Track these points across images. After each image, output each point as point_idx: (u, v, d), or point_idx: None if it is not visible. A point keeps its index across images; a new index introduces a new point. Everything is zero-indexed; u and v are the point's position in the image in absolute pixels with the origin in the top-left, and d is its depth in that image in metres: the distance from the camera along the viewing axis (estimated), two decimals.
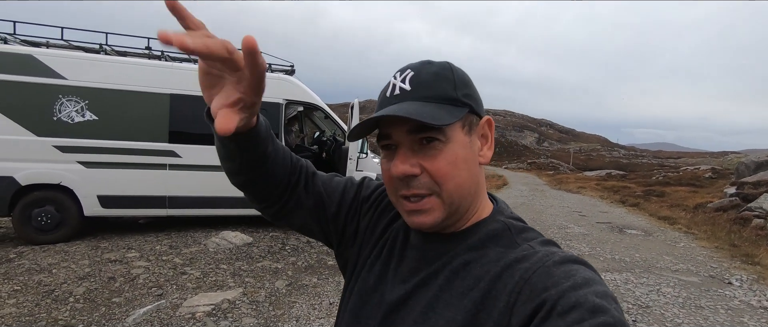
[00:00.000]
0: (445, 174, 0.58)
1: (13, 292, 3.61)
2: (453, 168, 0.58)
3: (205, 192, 5.70)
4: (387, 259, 0.69)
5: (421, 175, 0.58)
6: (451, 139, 0.58)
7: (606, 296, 0.48)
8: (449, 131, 0.58)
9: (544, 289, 0.50)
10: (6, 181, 4.88)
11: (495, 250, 0.59)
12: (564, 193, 17.54)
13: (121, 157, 5.32)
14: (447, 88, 0.59)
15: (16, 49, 5.06)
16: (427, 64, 0.62)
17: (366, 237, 0.74)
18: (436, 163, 0.58)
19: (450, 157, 0.58)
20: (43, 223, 5.04)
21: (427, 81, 0.60)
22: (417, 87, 0.59)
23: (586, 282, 0.50)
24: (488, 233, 0.61)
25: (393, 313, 0.62)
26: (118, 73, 5.32)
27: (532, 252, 0.56)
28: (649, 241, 7.22)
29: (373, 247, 0.73)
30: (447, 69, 0.61)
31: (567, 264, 0.53)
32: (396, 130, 0.59)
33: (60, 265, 4.30)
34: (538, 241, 0.59)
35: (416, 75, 0.60)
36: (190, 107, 5.58)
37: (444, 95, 0.59)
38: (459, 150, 0.59)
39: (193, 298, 3.67)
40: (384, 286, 0.66)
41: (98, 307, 3.45)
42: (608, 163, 63.20)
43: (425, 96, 0.59)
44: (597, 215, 10.21)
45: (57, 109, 5.04)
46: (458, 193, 0.59)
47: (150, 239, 5.36)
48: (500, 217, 0.63)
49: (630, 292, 4.41)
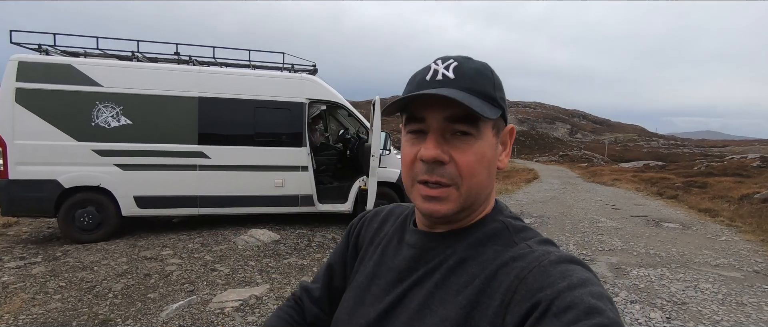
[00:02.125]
0: (471, 169, 0.58)
1: (58, 288, 3.86)
2: (478, 165, 0.58)
3: (234, 191, 5.88)
4: (380, 259, 0.70)
5: (448, 164, 0.58)
6: (482, 136, 0.59)
7: (602, 297, 0.48)
8: (482, 128, 0.58)
9: (539, 288, 0.50)
10: (51, 184, 5.20)
11: (492, 249, 0.59)
12: (597, 185, 16.99)
13: (154, 160, 5.56)
14: (487, 86, 0.60)
15: (56, 59, 5.37)
16: (469, 59, 0.62)
17: (363, 250, 0.77)
18: (465, 156, 0.58)
19: (479, 153, 0.58)
20: (86, 223, 5.34)
21: (471, 74, 0.60)
22: (461, 77, 0.59)
23: (582, 282, 0.50)
24: (486, 232, 0.61)
25: (389, 311, 0.63)
26: (149, 78, 5.56)
27: (529, 251, 0.56)
28: (688, 234, 6.89)
29: (366, 252, 0.75)
30: (488, 69, 0.62)
31: (563, 264, 0.53)
32: (433, 114, 0.58)
33: (101, 262, 4.55)
34: (535, 241, 0.59)
35: (460, 66, 0.60)
36: (217, 109, 5.76)
37: (485, 92, 0.59)
38: (487, 149, 0.59)
39: (222, 293, 3.80)
40: (378, 285, 0.67)
41: (135, 302, 3.63)
42: (646, 154, 60.60)
43: (470, 88, 0.58)
44: (632, 208, 9.84)
45: (95, 114, 5.32)
46: (476, 191, 0.60)
47: (183, 237, 5.58)
48: (499, 216, 0.63)
49: (665, 288, 4.24)
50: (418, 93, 0.57)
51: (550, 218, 8.22)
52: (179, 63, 6.05)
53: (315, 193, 6.19)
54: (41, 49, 5.47)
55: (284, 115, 6.05)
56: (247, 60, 6.34)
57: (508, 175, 21.12)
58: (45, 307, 3.48)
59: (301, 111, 6.07)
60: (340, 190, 6.48)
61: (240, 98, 5.86)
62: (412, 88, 0.61)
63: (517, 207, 9.72)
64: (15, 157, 5.06)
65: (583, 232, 6.86)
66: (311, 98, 6.20)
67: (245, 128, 5.93)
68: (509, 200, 11.09)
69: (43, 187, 5.17)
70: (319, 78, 6.47)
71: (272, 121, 6.03)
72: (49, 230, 6.15)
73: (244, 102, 5.87)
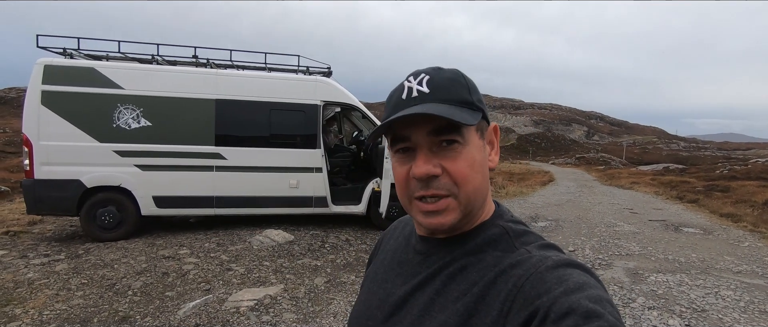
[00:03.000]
0: (465, 176, 0.58)
1: (81, 285, 3.97)
2: (471, 170, 0.59)
3: (249, 192, 5.96)
4: (389, 264, 0.72)
5: (441, 175, 0.58)
6: (469, 141, 0.59)
7: (600, 300, 0.48)
8: (467, 134, 0.59)
9: (536, 296, 0.50)
10: (74, 183, 5.36)
11: (492, 255, 0.59)
12: (615, 189, 16.68)
13: (172, 160, 5.68)
14: (463, 92, 0.61)
15: (80, 63, 5.54)
16: (439, 70, 0.63)
17: (378, 255, 0.80)
18: (456, 164, 0.58)
19: (469, 159, 0.59)
20: (106, 222, 5.49)
21: (445, 85, 0.60)
22: (435, 90, 0.60)
23: (579, 286, 0.49)
24: (486, 238, 0.61)
25: (393, 315, 0.64)
26: (168, 81, 5.69)
27: (527, 257, 0.56)
28: (709, 240, 6.72)
29: (377, 257, 0.78)
30: (460, 75, 0.62)
31: (560, 268, 0.53)
32: (416, 131, 0.59)
33: (121, 260, 4.67)
34: (535, 245, 0.59)
35: (432, 79, 0.61)
36: (233, 111, 5.86)
37: (461, 99, 0.60)
38: (476, 153, 0.60)
39: (237, 293, 3.86)
40: (386, 290, 0.69)
41: (153, 300, 3.72)
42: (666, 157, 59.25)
43: (445, 98, 0.59)
44: (650, 212, 9.64)
45: (116, 116, 5.47)
46: (474, 195, 0.60)
47: (200, 237, 5.68)
48: (499, 221, 0.63)
49: (684, 295, 4.14)
50: (397, 116, 0.57)
51: (566, 222, 8.11)
52: (197, 66, 6.18)
53: (329, 195, 6.24)
54: (66, 52, 5.65)
55: (299, 117, 6.11)
56: (263, 63, 6.43)
57: (523, 178, 20.90)
58: (68, 303, 3.59)
59: (315, 113, 6.13)
60: (353, 192, 6.51)
61: (256, 100, 5.95)
62: (390, 110, 0.63)
63: (532, 210, 9.61)
64: (40, 158, 5.23)
65: (599, 236, 6.75)
66: (325, 100, 6.25)
67: (261, 130, 6.01)
68: (523, 203, 10.98)
69: (67, 186, 5.33)
70: (333, 80, 6.52)
71: (287, 123, 6.11)
72: (71, 228, 6.32)
73: (259, 104, 5.96)
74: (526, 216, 8.72)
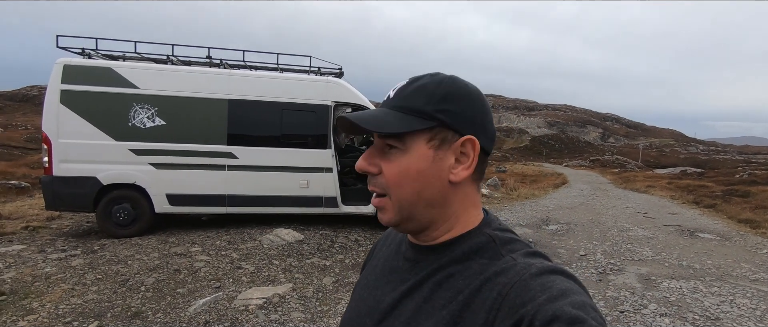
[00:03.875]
0: (394, 181, 0.61)
1: (95, 281, 4.07)
2: (403, 177, 0.60)
3: (260, 191, 6.03)
4: (381, 271, 0.73)
5: (378, 175, 0.62)
6: (410, 149, 0.60)
7: (584, 306, 0.48)
8: (409, 142, 0.60)
9: (521, 304, 0.51)
10: (91, 181, 5.49)
11: (479, 263, 0.59)
12: (629, 192, 16.41)
13: (186, 159, 5.78)
14: (419, 101, 0.61)
15: (97, 62, 5.67)
16: (428, 76, 0.63)
17: (371, 260, 0.81)
18: (389, 168, 0.61)
19: (403, 166, 0.60)
20: (121, 219, 5.61)
21: (408, 92, 0.62)
22: (397, 96, 0.63)
23: (563, 293, 0.50)
24: (472, 246, 0.61)
25: (381, 321, 0.65)
26: (182, 81, 5.79)
27: (512, 264, 0.56)
28: (725, 246, 6.57)
29: (370, 262, 0.79)
30: (437, 82, 0.62)
31: (544, 276, 0.53)
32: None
33: (134, 257, 4.77)
34: (521, 253, 0.59)
35: (405, 86, 0.63)
36: (246, 111, 5.94)
37: (413, 107, 0.61)
38: (415, 162, 0.60)
39: (247, 291, 3.91)
40: (375, 297, 0.69)
41: (165, 296, 3.79)
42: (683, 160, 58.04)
43: (397, 106, 0.62)
44: (665, 217, 9.46)
45: (132, 115, 5.59)
46: (408, 201, 0.61)
47: (211, 235, 5.77)
48: (486, 229, 0.63)
49: (697, 302, 4.07)
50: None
51: (578, 225, 8.01)
52: (211, 66, 6.27)
53: (339, 195, 6.28)
54: (84, 52, 5.78)
55: (310, 118, 6.16)
56: (275, 63, 6.49)
57: (535, 180, 20.69)
58: (83, 297, 3.68)
59: (326, 113, 6.17)
60: (363, 192, 6.54)
61: (268, 100, 6.01)
62: None
63: (544, 213, 9.52)
64: (59, 155, 5.37)
65: (612, 241, 6.65)
66: (337, 101, 6.29)
67: (272, 130, 6.07)
68: (535, 205, 10.88)
69: (84, 183, 5.46)
70: (344, 81, 6.55)
71: (298, 123, 6.16)
72: (88, 224, 6.48)
73: (271, 104, 6.02)
74: (537, 219, 8.64)
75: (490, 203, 11.17)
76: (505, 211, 9.74)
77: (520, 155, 68.74)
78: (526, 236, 6.85)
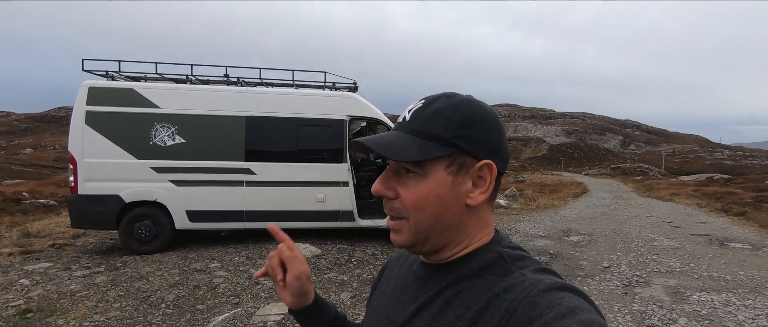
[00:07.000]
0: (413, 206, 0.60)
1: (118, 297, 4.14)
2: (423, 202, 0.60)
3: (278, 206, 6.08)
4: (392, 292, 0.73)
5: (395, 199, 0.61)
6: (429, 175, 0.60)
7: (592, 324, 0.48)
8: (428, 167, 0.60)
9: (528, 321, 0.50)
10: (114, 198, 5.63)
11: (488, 279, 0.59)
12: (653, 201, 15.96)
13: (205, 176, 5.88)
14: (438, 127, 0.60)
15: (120, 84, 5.86)
16: (444, 97, 0.63)
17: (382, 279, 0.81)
18: (407, 192, 0.61)
19: (422, 191, 0.60)
20: (143, 236, 5.72)
21: (426, 116, 0.61)
22: (413, 120, 0.62)
23: (571, 311, 0.49)
24: (481, 263, 0.61)
25: None
26: (201, 99, 5.93)
27: (521, 280, 0.56)
28: (758, 256, 6.30)
29: (382, 280, 0.80)
30: (454, 107, 0.61)
31: (552, 292, 0.53)
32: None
33: (155, 273, 4.84)
34: (530, 269, 0.58)
35: (422, 109, 0.62)
36: (263, 128, 6.03)
37: (432, 133, 0.60)
38: (435, 187, 0.60)
39: (265, 307, 3.92)
40: (388, 317, 0.69)
41: (185, 312, 3.82)
42: (709, 166, 56.26)
43: (415, 130, 0.61)
44: (692, 226, 9.14)
45: (153, 134, 5.73)
46: (425, 225, 0.60)
47: (230, 250, 5.82)
48: (495, 247, 0.63)
49: (730, 316, 3.89)
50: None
51: (600, 236, 7.81)
52: (228, 84, 6.40)
53: (355, 209, 6.27)
54: (108, 75, 5.99)
55: (326, 132, 6.21)
56: (291, 79, 6.60)
57: (555, 189, 20.33)
58: (106, 314, 3.74)
59: (341, 128, 6.21)
60: (380, 206, 6.47)
61: (284, 116, 6.10)
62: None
63: (564, 223, 9.32)
64: (84, 174, 5.53)
65: (636, 252, 6.45)
66: (352, 115, 6.34)
67: (289, 145, 6.14)
68: (555, 216, 10.66)
69: (107, 201, 5.60)
70: (359, 95, 6.60)
71: (314, 138, 6.22)
72: (111, 241, 6.62)
73: (287, 120, 6.10)
74: (557, 230, 8.45)
75: (509, 214, 11.00)
76: (524, 222, 9.57)
77: (538, 164, 67.76)
78: (547, 248, 6.70)
